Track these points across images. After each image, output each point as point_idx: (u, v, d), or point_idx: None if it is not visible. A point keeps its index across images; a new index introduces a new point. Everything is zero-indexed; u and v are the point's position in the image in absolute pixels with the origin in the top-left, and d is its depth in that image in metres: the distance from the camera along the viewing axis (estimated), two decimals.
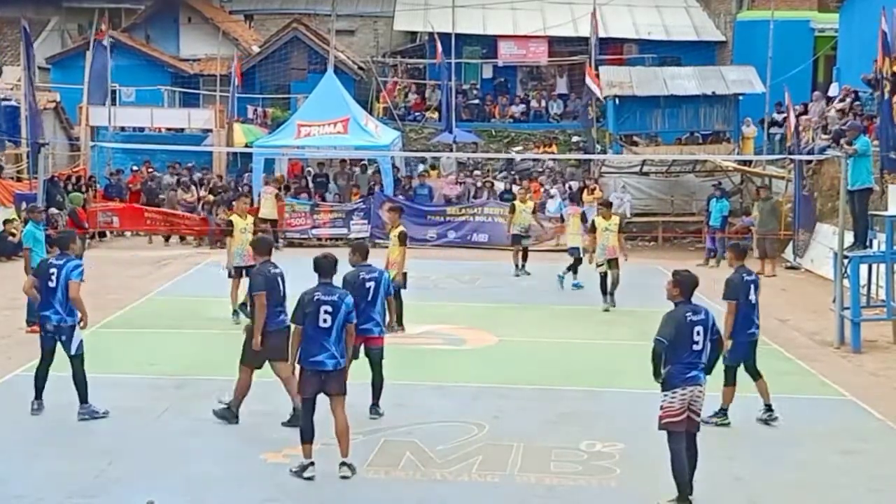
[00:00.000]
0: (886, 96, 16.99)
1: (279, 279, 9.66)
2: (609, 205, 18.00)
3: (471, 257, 22.39)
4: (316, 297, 8.32)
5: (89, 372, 11.07)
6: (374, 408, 10.23)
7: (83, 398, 10.05)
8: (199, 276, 19.68)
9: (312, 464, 8.31)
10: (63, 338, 10.08)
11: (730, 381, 10.15)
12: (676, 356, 7.99)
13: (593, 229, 16.90)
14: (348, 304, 8.41)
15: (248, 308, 10.15)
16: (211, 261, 21.88)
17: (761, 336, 14.49)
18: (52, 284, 10.05)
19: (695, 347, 8.00)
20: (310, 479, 8.22)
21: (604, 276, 16.62)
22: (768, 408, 10.24)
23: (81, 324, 10.20)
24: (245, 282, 12.25)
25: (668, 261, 21.93)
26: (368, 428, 9.69)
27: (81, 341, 10.19)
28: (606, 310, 16.39)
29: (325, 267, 8.53)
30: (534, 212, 20.56)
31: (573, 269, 18.43)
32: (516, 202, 20.58)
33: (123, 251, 23.39)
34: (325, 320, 8.25)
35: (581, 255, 18.24)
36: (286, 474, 8.35)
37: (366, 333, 9.91)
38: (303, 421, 8.38)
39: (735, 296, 10.08)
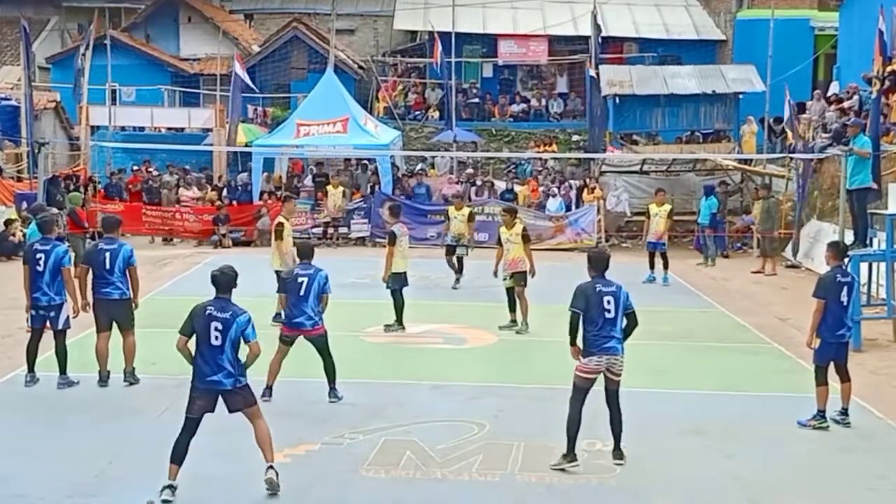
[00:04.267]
0: (874, 94, 17.06)
1: (102, 254, 10.97)
2: (513, 212, 15.32)
3: (471, 256, 22.34)
4: (207, 312, 7.97)
5: (90, 371, 11.14)
6: (332, 392, 10.66)
7: (62, 370, 11.01)
8: (199, 275, 19.66)
9: (171, 487, 7.74)
10: (52, 314, 10.97)
11: (821, 381, 10.07)
12: (593, 324, 8.68)
13: (499, 241, 14.90)
14: (240, 323, 7.89)
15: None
16: (210, 261, 21.91)
17: (761, 334, 14.68)
18: (39, 268, 10.88)
19: (607, 315, 8.68)
20: (165, 501, 7.68)
21: (508, 292, 14.66)
22: (844, 411, 10.15)
23: (75, 309, 11.05)
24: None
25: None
26: (368, 427, 9.69)
27: (68, 317, 11.07)
28: (501, 326, 14.54)
29: (221, 282, 8.14)
30: (470, 219, 18.80)
31: (664, 265, 19.13)
32: (450, 209, 19.39)
33: None
34: (215, 337, 7.88)
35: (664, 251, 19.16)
36: (286, 474, 8.32)
37: (299, 327, 10.50)
38: (177, 441, 7.91)
39: (823, 294, 10.02)
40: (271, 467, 8.04)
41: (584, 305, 8.69)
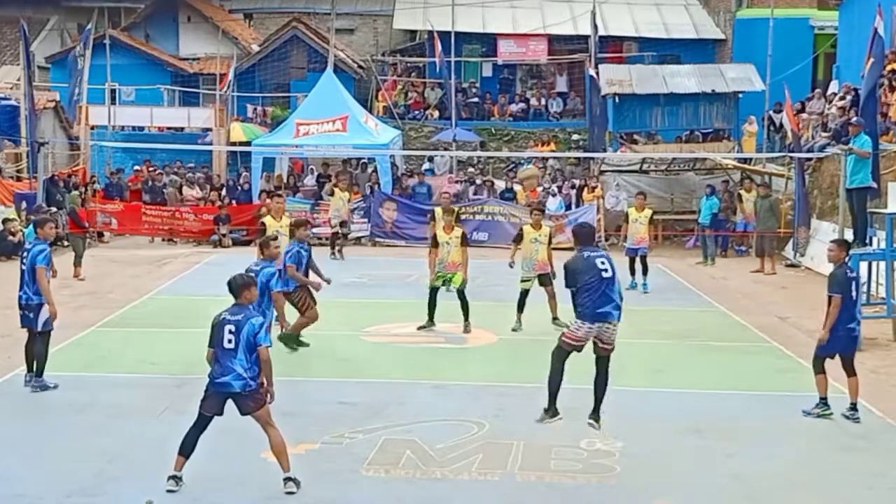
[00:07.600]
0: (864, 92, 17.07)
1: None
2: (542, 210, 15.71)
3: (471, 256, 22.32)
4: (222, 317, 8.04)
5: (90, 371, 11.17)
6: None
7: (39, 372, 10.83)
8: (199, 275, 19.68)
9: (176, 478, 7.90)
10: (31, 315, 10.85)
11: (818, 370, 10.24)
12: (589, 290, 8.57)
13: (519, 238, 14.96)
14: (253, 325, 7.91)
15: None
16: (210, 260, 21.91)
17: (760, 333, 14.69)
18: (23, 267, 10.90)
19: (604, 275, 8.59)
20: (169, 491, 7.83)
21: (523, 294, 14.66)
22: (853, 406, 10.22)
23: (52, 312, 10.83)
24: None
25: (667, 259, 21.99)
26: (368, 426, 9.69)
27: (48, 319, 10.85)
28: (514, 329, 14.54)
29: (235, 287, 8.18)
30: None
31: (643, 270, 18.49)
32: (437, 209, 18.35)
33: (123, 250, 23.40)
34: (228, 341, 7.93)
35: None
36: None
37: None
38: (187, 433, 8.05)
39: (840, 290, 10.16)
40: (289, 479, 7.97)
41: (576, 279, 8.63)
